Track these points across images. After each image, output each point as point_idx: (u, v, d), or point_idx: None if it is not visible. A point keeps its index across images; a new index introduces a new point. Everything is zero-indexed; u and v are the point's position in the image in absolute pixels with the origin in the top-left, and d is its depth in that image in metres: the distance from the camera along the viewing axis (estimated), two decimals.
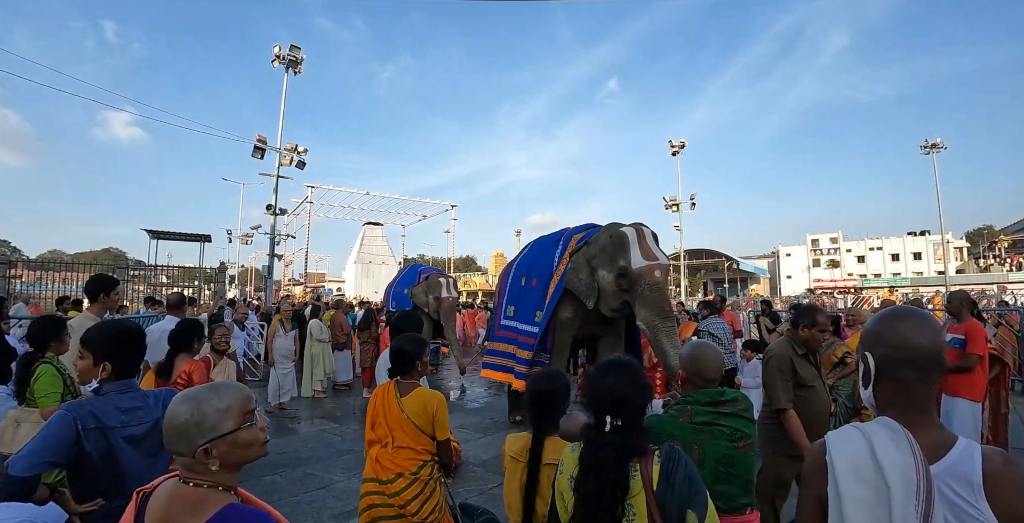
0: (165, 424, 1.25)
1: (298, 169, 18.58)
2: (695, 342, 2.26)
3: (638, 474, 1.56)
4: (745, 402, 2.13)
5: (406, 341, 2.72)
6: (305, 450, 5.73)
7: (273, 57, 18.36)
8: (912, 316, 1.24)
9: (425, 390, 2.65)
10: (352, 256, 38.70)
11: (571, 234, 6.51)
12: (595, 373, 1.79)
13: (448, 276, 11.17)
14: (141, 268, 19.71)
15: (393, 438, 2.59)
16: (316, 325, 9.03)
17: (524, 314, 6.62)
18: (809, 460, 1.28)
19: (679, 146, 29.09)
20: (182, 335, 3.33)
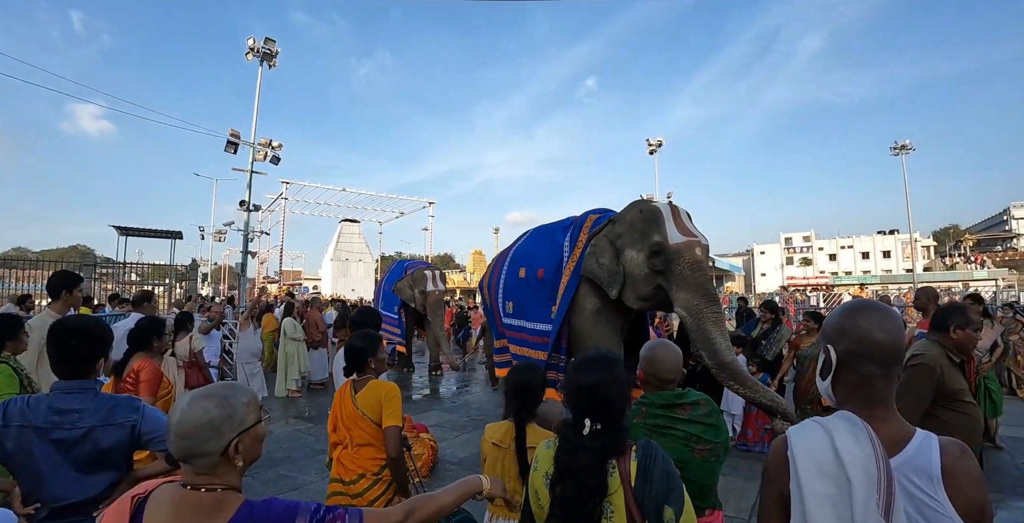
0: (192, 425, 1.17)
1: (272, 164, 18.21)
2: (653, 341, 2.21)
3: (616, 472, 1.53)
4: (708, 407, 2.04)
5: (359, 338, 2.67)
6: (279, 451, 5.61)
7: (247, 50, 17.99)
8: (874, 310, 1.23)
9: (379, 381, 2.63)
10: (328, 254, 38.27)
11: (582, 218, 5.75)
12: (575, 369, 1.72)
13: (435, 269, 10.87)
14: (109, 266, 19.22)
15: (352, 438, 2.56)
16: (290, 323, 8.86)
17: (532, 311, 5.90)
18: (771, 456, 1.25)
19: (656, 145, 29.29)
20: (142, 334, 3.19)
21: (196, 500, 1.18)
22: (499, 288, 6.49)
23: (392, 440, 2.46)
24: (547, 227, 6.40)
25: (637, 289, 4.73)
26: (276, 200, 26.69)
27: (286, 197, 25.60)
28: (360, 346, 2.63)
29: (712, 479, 2.02)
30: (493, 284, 6.71)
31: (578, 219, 5.79)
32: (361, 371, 2.65)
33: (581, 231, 5.49)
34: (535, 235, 6.48)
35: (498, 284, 6.54)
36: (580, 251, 5.30)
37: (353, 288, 34.64)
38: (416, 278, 10.45)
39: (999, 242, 62.08)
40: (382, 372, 2.73)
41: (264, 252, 33.53)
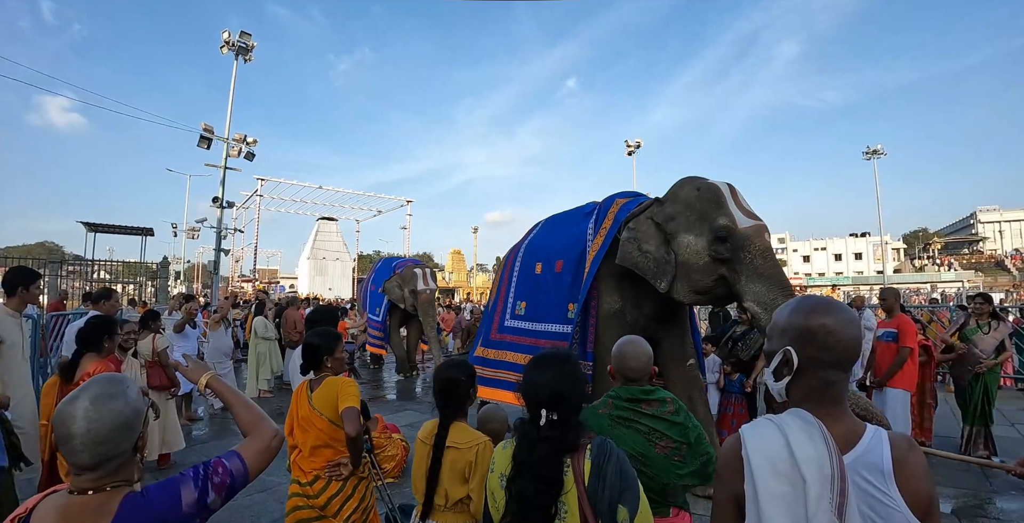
0: (108, 428, 1.10)
1: (247, 160, 17.94)
2: (623, 338, 2.22)
3: (569, 470, 1.54)
4: (674, 405, 2.06)
5: (317, 336, 2.58)
6: None
7: (222, 43, 17.70)
8: (837, 312, 1.19)
9: (335, 378, 2.54)
10: (305, 252, 37.80)
11: (607, 202, 5.00)
12: (531, 366, 1.74)
13: (425, 266, 10.34)
14: (77, 263, 18.73)
15: (307, 440, 2.48)
16: (261, 323, 8.73)
17: (546, 310, 5.10)
18: (724, 456, 1.21)
19: (635, 146, 29.50)
20: (91, 333, 3.08)
21: (81, 505, 1.11)
22: (511, 287, 5.67)
23: (350, 419, 2.34)
24: (565, 215, 5.70)
25: (693, 281, 4.07)
26: (251, 197, 26.27)
27: (261, 194, 25.22)
28: (317, 344, 2.55)
29: (674, 478, 2.01)
30: (504, 284, 5.84)
31: (602, 203, 5.07)
32: (318, 370, 2.57)
33: (606, 216, 4.79)
34: (551, 224, 5.74)
35: (510, 283, 5.70)
36: (603, 238, 4.63)
37: (330, 287, 34.28)
38: (405, 277, 9.96)
39: (966, 245, 63.81)
40: (340, 372, 2.64)
41: (239, 250, 33.02)
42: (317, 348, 2.55)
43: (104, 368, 2.92)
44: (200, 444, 5.79)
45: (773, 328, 1.28)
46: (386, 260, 12.03)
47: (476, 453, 2.06)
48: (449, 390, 2.21)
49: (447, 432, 2.13)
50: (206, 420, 6.94)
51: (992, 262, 54.32)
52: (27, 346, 3.51)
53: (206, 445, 5.77)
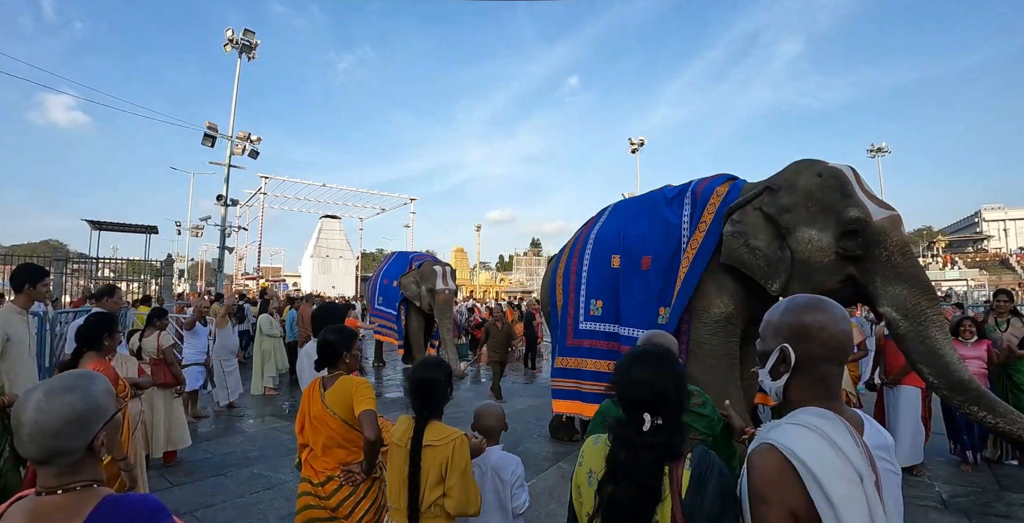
0: (57, 421, 1.07)
1: (251, 158, 17.98)
2: (650, 332, 2.22)
3: (666, 478, 1.41)
4: (701, 398, 2.07)
5: (333, 332, 2.55)
6: (253, 450, 5.51)
7: (226, 41, 17.70)
8: (828, 308, 1.25)
9: (349, 377, 2.49)
10: (308, 250, 37.85)
11: (708, 188, 4.37)
12: (629, 363, 1.59)
13: (444, 264, 9.85)
14: (82, 261, 18.76)
15: (320, 440, 2.43)
16: (266, 320, 8.72)
17: (630, 312, 4.58)
18: (765, 472, 1.13)
19: (639, 144, 29.44)
20: (91, 331, 3.02)
21: (52, 505, 1.07)
22: (581, 283, 5.05)
23: (369, 423, 2.29)
24: (640, 200, 5.06)
25: (814, 282, 3.52)
26: (254, 195, 26.27)
27: (265, 192, 25.21)
28: (335, 340, 2.50)
29: None
30: (571, 280, 5.19)
31: (699, 189, 4.42)
32: (333, 367, 2.53)
33: (707, 204, 4.22)
34: (624, 211, 5.10)
35: (579, 278, 5.08)
36: (704, 234, 4.10)
37: (334, 285, 34.30)
38: (424, 273, 9.51)
39: (970, 243, 63.53)
40: (354, 370, 2.62)
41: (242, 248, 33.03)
42: (334, 345, 2.50)
43: (104, 367, 2.89)
44: (206, 441, 5.77)
45: (765, 328, 1.33)
46: (401, 253, 11.40)
47: (452, 448, 2.05)
48: (426, 390, 2.18)
49: (423, 433, 2.10)
50: (212, 417, 6.93)
51: (997, 260, 54.03)
52: (34, 343, 3.50)
53: (212, 442, 5.76)
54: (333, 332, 2.54)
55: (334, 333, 2.53)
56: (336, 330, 2.56)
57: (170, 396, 4.91)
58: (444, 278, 9.33)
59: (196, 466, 4.99)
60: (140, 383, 3.54)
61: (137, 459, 3.64)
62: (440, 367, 2.26)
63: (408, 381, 2.25)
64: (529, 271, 51.20)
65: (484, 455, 2.33)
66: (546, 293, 5.82)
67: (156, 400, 4.76)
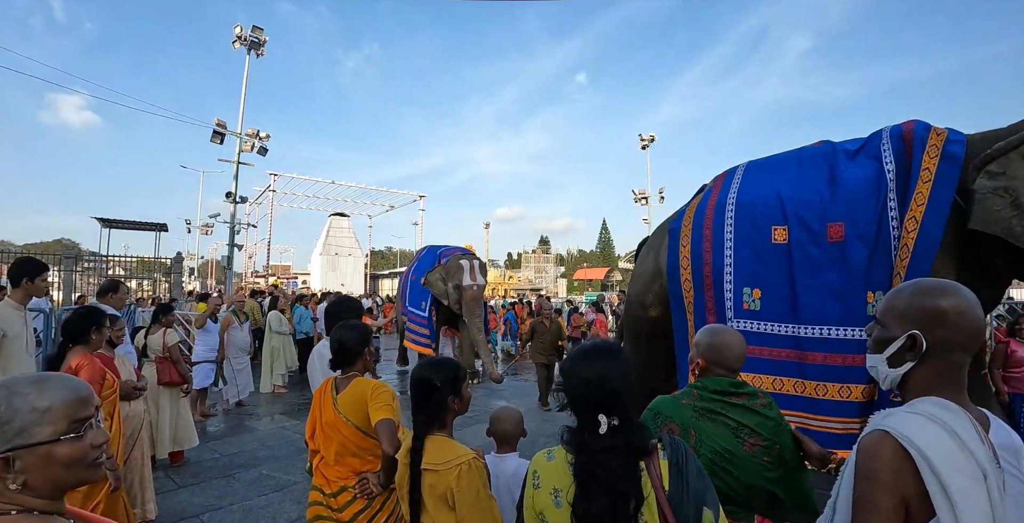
0: None
1: (260, 155, 17.86)
2: (714, 327, 1.98)
3: (644, 475, 1.33)
4: (766, 399, 1.87)
5: (347, 329, 2.31)
6: (262, 449, 5.37)
7: (234, 38, 17.60)
8: (964, 292, 1.16)
9: (364, 380, 2.26)
10: (318, 248, 37.86)
11: (920, 126, 3.26)
12: (576, 359, 1.49)
13: (474, 257, 9.09)
14: (92, 259, 18.79)
15: (332, 448, 2.21)
16: (275, 317, 8.59)
17: (816, 303, 3.27)
18: (881, 458, 1.06)
19: (649, 140, 29.10)
20: (77, 324, 2.85)
21: None
22: (724, 267, 3.68)
23: (387, 435, 2.01)
24: (801, 155, 3.84)
25: None
26: (264, 192, 26.26)
27: (274, 189, 25.19)
28: (350, 337, 2.28)
29: (760, 481, 1.77)
30: (704, 260, 3.77)
31: (905, 131, 3.30)
32: (348, 367, 2.31)
33: (926, 146, 3.10)
34: (779, 169, 3.82)
35: (719, 259, 3.70)
36: (930, 184, 2.99)
37: (343, 283, 34.30)
38: (450, 269, 8.77)
39: None
40: (370, 369, 2.41)
41: (252, 246, 33.11)
42: (350, 343, 2.28)
43: (90, 362, 2.72)
44: (214, 440, 5.64)
45: (888, 312, 1.23)
46: (431, 247, 10.54)
47: (457, 476, 1.70)
48: (421, 395, 1.87)
49: (422, 448, 1.79)
50: (221, 416, 6.81)
51: None
52: (31, 340, 3.35)
53: (220, 441, 5.62)
54: (347, 329, 2.32)
55: (348, 330, 2.31)
56: (350, 326, 2.34)
57: (176, 395, 4.77)
58: (472, 273, 8.57)
59: (203, 467, 4.85)
60: (137, 386, 3.38)
61: (143, 460, 3.50)
62: (443, 368, 1.91)
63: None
64: (538, 268, 50.98)
65: (500, 464, 2.16)
66: (649, 285, 4.23)
67: (162, 399, 4.63)
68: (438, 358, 2.06)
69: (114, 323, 3.38)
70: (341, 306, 2.95)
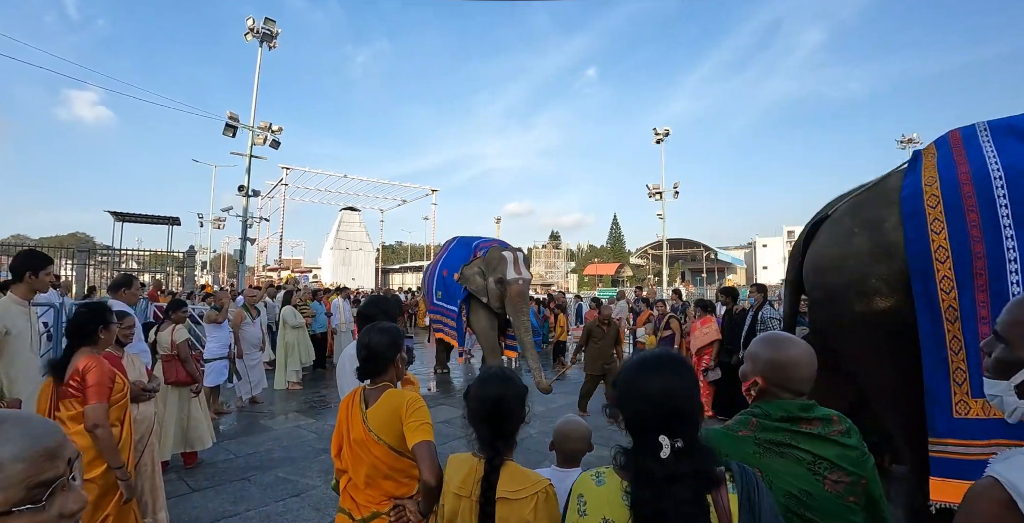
0: None
1: (272, 149, 17.71)
2: (775, 336, 1.56)
3: (711, 509, 1.13)
4: (844, 424, 1.49)
5: (379, 332, 2.03)
6: (278, 450, 5.17)
7: (247, 30, 17.47)
8: None
9: (396, 392, 1.99)
10: (329, 242, 37.86)
11: None
12: (632, 373, 1.30)
13: (516, 249, 8.10)
14: (106, 252, 18.77)
15: (362, 470, 1.93)
16: (289, 312, 8.40)
17: None
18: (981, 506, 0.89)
19: (663, 134, 28.71)
20: (83, 324, 2.62)
21: None
22: (1008, 258, 2.69)
23: (427, 460, 1.77)
24: None
25: None
26: (276, 186, 26.19)
27: (286, 183, 25.13)
28: (382, 343, 1.99)
29: None
30: (975, 247, 2.73)
31: None
32: (378, 377, 2.02)
33: None
34: None
35: (999, 247, 2.67)
36: None
37: (353, 277, 34.32)
38: (490, 262, 7.80)
39: None
40: (401, 378, 2.13)
41: (263, 240, 33.13)
42: (382, 350, 1.99)
43: (98, 364, 2.50)
44: (228, 440, 5.45)
45: (1012, 329, 1.03)
46: (462, 238, 9.54)
47: (535, 506, 1.53)
48: (498, 415, 1.63)
49: (497, 480, 1.56)
50: (235, 413, 6.63)
51: None
52: (36, 338, 3.15)
53: (234, 441, 5.43)
54: (379, 332, 2.04)
55: (378, 333, 2.03)
56: (383, 330, 2.05)
57: (186, 394, 4.57)
58: (516, 265, 7.57)
59: (218, 468, 4.65)
60: (148, 388, 3.16)
61: (153, 466, 3.30)
62: (513, 382, 1.72)
63: (470, 402, 1.71)
64: (548, 264, 50.62)
65: (565, 480, 1.92)
66: (871, 267, 3.01)
67: (171, 399, 4.43)
68: (498, 370, 1.79)
69: (122, 320, 3.17)
70: (375, 307, 2.67)
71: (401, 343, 2.05)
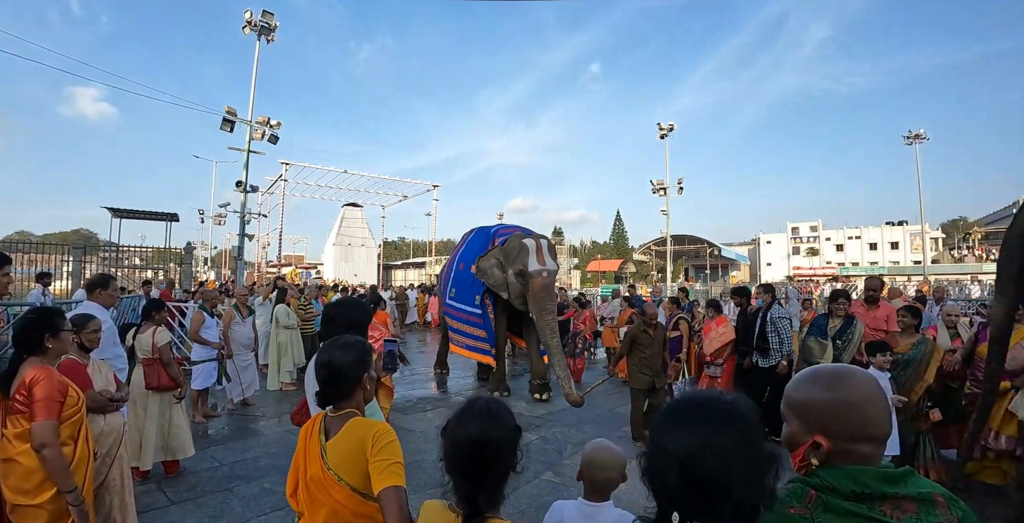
0: None
1: (271, 143, 17.47)
2: (822, 370, 1.14)
3: None
4: (954, 511, 1.03)
5: (339, 349, 1.69)
6: (265, 457, 4.94)
7: (244, 23, 17.21)
8: None
9: (362, 421, 1.65)
10: (331, 239, 37.77)
11: None
12: (662, 419, 1.01)
13: (540, 236, 6.99)
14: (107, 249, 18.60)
15: (318, 514, 1.60)
16: (283, 311, 8.16)
17: None
18: None
19: (668, 129, 28.39)
20: (29, 331, 2.36)
21: None
22: None
23: (394, 511, 1.44)
24: None
25: None
26: (276, 182, 25.97)
27: (286, 179, 24.90)
28: (345, 362, 1.66)
29: None
30: None
31: None
32: (342, 402, 1.69)
33: None
34: None
35: None
36: None
37: (356, 273, 34.26)
38: (510, 251, 6.76)
39: None
40: (370, 402, 1.81)
41: (265, 236, 33.00)
42: (345, 371, 1.65)
43: (47, 376, 2.24)
44: (215, 446, 5.22)
45: None
46: (481, 229, 8.42)
47: None
48: (483, 463, 1.30)
49: None
50: (224, 417, 6.40)
51: None
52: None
53: (220, 447, 5.20)
54: (342, 348, 1.69)
55: (344, 350, 1.69)
56: (346, 345, 1.72)
57: (168, 400, 4.32)
58: (540, 254, 6.52)
59: (200, 478, 4.42)
60: (115, 397, 2.92)
61: (123, 480, 3.07)
62: (500, 421, 1.35)
63: (444, 445, 1.37)
64: None
65: (596, 516, 1.68)
66: None
67: (152, 405, 4.18)
68: (491, 406, 1.40)
69: (87, 324, 2.94)
70: (340, 309, 2.34)
71: (369, 360, 1.75)
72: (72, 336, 2.93)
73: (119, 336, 4.27)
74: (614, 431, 5.86)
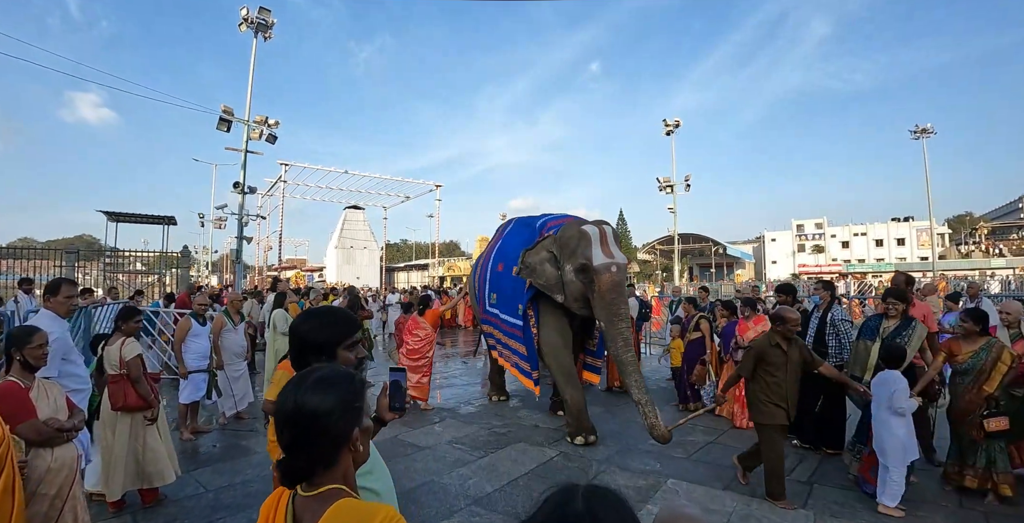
0: None
1: (268, 143, 17.00)
2: None
3: None
4: None
5: (313, 391, 1.10)
6: (256, 480, 4.43)
7: (240, 20, 16.78)
8: None
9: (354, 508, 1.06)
10: (333, 241, 37.52)
11: None
12: None
13: (602, 223, 5.43)
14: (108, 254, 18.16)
15: None
16: (280, 316, 7.66)
17: None
18: None
19: (674, 126, 27.86)
20: None
21: None
22: None
23: None
24: None
25: None
26: (275, 184, 25.53)
27: (285, 180, 24.45)
28: (322, 411, 1.08)
29: None
30: None
31: None
32: (320, 476, 1.10)
33: None
34: None
35: None
36: None
37: (358, 276, 33.99)
38: (565, 242, 5.32)
39: (1015, 230, 60.49)
40: (361, 463, 1.21)
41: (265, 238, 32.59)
42: (325, 428, 1.08)
43: None
44: (200, 468, 4.70)
45: None
46: (521, 219, 7.04)
47: None
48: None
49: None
50: (216, 433, 5.89)
51: None
52: None
53: (207, 469, 4.68)
54: (316, 389, 1.10)
55: (321, 392, 1.10)
56: (323, 383, 1.12)
57: (139, 421, 3.77)
58: (605, 244, 5.10)
59: (181, 507, 3.90)
60: (65, 426, 2.41)
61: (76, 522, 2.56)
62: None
63: None
64: None
65: None
66: None
67: (121, 427, 3.64)
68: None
69: (27, 339, 2.44)
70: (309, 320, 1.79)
71: (361, 403, 1.17)
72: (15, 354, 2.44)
73: (91, 348, 3.76)
74: (639, 443, 5.34)
